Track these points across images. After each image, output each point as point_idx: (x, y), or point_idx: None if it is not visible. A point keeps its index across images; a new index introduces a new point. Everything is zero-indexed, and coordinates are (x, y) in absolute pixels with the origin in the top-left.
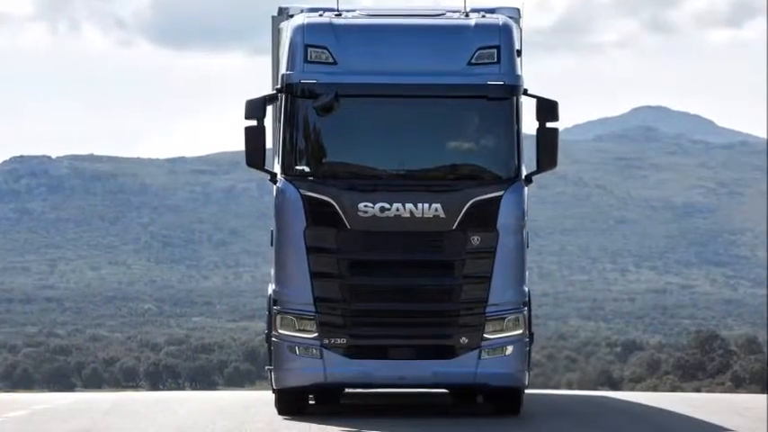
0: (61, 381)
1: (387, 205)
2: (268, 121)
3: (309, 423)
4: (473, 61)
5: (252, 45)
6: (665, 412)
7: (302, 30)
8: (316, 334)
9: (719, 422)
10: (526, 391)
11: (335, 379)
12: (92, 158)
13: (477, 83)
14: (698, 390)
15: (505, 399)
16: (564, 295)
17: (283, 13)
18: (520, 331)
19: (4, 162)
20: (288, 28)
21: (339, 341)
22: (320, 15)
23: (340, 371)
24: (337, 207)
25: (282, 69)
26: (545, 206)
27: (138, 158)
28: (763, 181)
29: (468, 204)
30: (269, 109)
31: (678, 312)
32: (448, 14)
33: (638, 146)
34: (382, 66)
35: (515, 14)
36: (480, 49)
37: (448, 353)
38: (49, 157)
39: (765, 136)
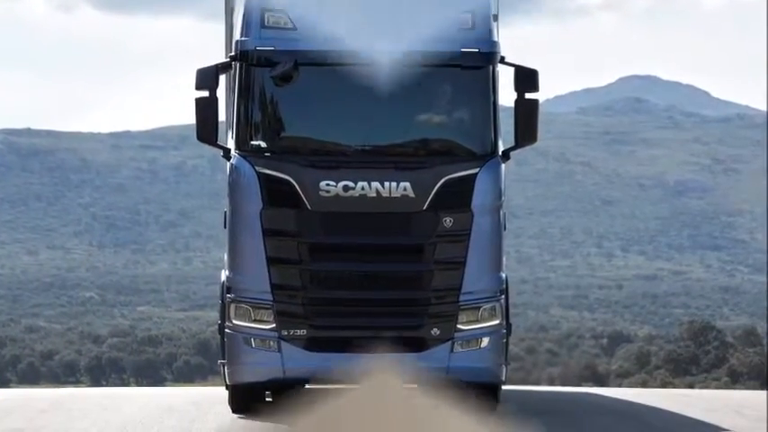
0: None
1: (351, 184)
2: (221, 92)
3: (266, 422)
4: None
5: (204, 9)
6: (656, 410)
7: None
8: (273, 325)
9: (716, 421)
10: (503, 387)
11: (295, 374)
12: (29, 133)
13: (449, 50)
14: (691, 386)
15: (481, 395)
16: (545, 282)
17: None
18: (496, 322)
19: None
20: None
21: (299, 332)
22: None
23: (300, 365)
24: (297, 186)
25: (237, 35)
26: (524, 184)
27: (78, 133)
28: (762, 157)
29: (439, 183)
30: (222, 78)
31: (670, 301)
32: None
33: (626, 119)
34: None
35: None
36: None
37: (418, 345)
38: None
39: (765, 108)
